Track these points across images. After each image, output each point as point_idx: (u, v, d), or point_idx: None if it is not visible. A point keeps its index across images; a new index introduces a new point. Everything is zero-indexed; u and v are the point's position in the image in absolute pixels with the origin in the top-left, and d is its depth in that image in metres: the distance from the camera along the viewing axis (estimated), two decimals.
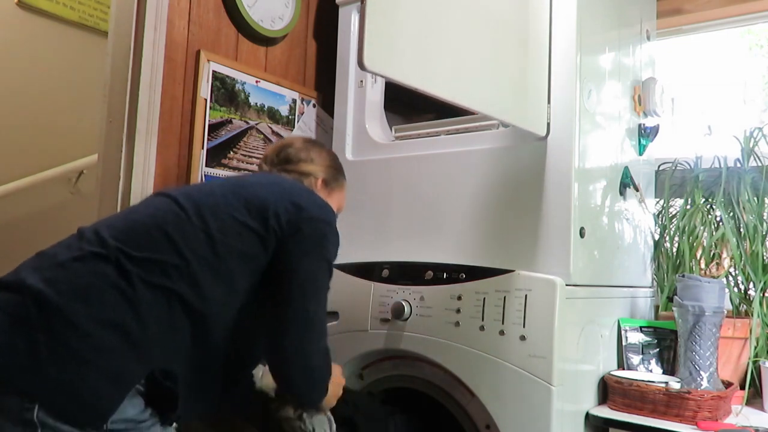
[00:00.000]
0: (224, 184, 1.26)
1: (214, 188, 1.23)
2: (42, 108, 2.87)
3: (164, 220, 1.13)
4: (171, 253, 1.09)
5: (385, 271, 1.66)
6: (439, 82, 1.18)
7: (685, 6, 2.02)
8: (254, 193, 1.21)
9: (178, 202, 1.16)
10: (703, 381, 1.47)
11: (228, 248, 1.13)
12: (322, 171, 1.42)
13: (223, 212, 1.16)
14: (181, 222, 1.13)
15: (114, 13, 1.76)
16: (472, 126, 1.68)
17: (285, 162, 1.40)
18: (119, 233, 1.11)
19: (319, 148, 1.46)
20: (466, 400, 1.49)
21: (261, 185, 1.25)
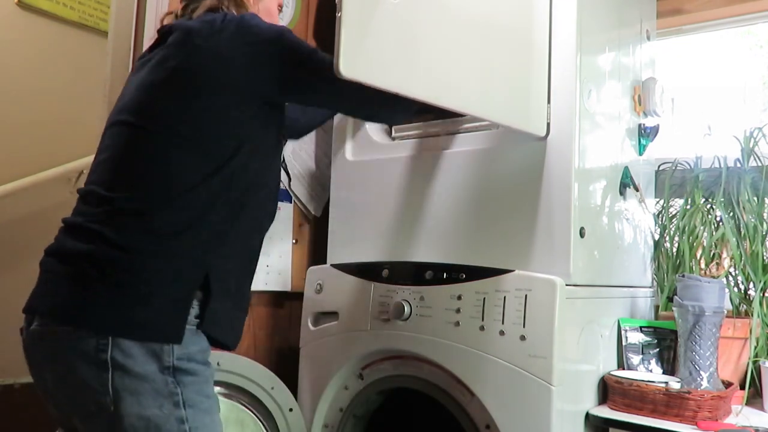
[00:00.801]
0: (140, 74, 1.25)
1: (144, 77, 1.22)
2: (42, 108, 2.87)
3: (130, 147, 1.18)
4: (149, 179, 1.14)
5: (385, 271, 1.66)
6: (424, 86, 1.18)
7: (685, 6, 2.02)
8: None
9: (128, 123, 1.19)
10: (703, 381, 1.47)
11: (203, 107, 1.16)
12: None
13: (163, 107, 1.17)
14: (139, 137, 1.17)
15: (114, 13, 1.76)
16: (472, 126, 1.68)
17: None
18: (106, 181, 1.16)
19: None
20: (466, 400, 1.49)
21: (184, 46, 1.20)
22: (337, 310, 1.72)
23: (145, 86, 1.19)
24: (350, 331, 1.68)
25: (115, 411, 1.03)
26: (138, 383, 1.03)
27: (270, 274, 1.97)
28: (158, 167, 1.13)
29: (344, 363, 1.69)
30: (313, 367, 1.76)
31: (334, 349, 1.71)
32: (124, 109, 1.21)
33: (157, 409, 1.03)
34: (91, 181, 1.20)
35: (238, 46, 1.17)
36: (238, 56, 1.16)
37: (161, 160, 1.13)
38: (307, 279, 1.83)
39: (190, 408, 1.06)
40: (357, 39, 1.04)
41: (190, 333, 1.10)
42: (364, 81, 1.05)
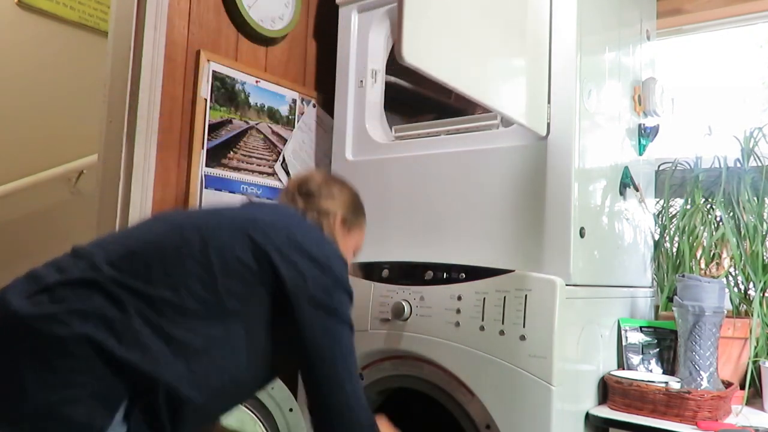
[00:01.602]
0: (235, 218, 1.18)
1: (223, 221, 1.15)
2: (42, 108, 2.87)
3: (165, 251, 1.08)
4: (166, 287, 1.04)
5: (385, 271, 1.66)
6: (464, 79, 1.19)
7: (685, 6, 2.02)
8: (264, 233, 1.13)
9: (183, 235, 1.10)
10: (703, 381, 1.47)
11: (227, 290, 1.07)
12: (342, 209, 1.36)
13: (228, 252, 1.09)
14: (183, 255, 1.07)
15: (114, 13, 1.76)
16: (472, 126, 1.68)
17: (306, 196, 1.35)
18: (117, 260, 1.05)
19: (341, 184, 1.41)
20: (466, 400, 1.49)
21: (274, 228, 1.16)
22: None
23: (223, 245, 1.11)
24: None
25: None
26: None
27: None
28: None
29: None
30: None
31: None
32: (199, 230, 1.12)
33: None
34: (96, 249, 1.10)
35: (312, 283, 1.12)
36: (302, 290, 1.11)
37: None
38: None
39: None
40: (416, 28, 1.06)
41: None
42: (422, 68, 1.07)
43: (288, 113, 2.05)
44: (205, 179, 1.80)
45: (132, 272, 1.03)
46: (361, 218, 1.42)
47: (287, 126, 2.05)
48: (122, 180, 1.65)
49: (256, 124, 1.95)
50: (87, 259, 1.06)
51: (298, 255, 1.12)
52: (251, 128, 1.94)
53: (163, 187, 1.73)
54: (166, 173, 1.73)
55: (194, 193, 1.77)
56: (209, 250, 1.08)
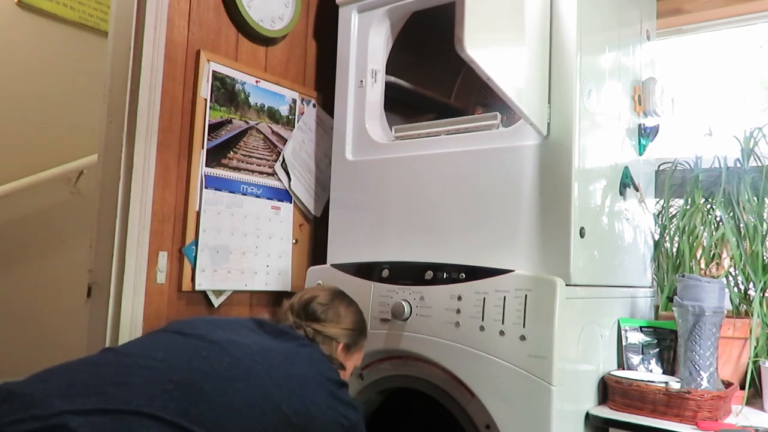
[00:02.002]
0: (289, 372, 1.16)
1: (279, 377, 1.14)
2: (42, 108, 2.87)
3: (228, 395, 1.05)
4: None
5: (385, 271, 1.66)
6: (504, 76, 1.25)
7: (685, 6, 2.02)
8: (312, 396, 1.15)
9: (249, 377, 1.10)
10: (703, 381, 1.47)
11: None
12: (345, 336, 1.42)
13: (282, 412, 1.09)
14: (245, 406, 1.06)
15: (114, 13, 1.76)
16: (472, 126, 1.68)
17: (311, 320, 1.40)
18: (176, 389, 1.02)
19: (345, 305, 1.47)
20: (466, 400, 1.49)
21: (319, 385, 1.18)
22: None
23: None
24: None
25: None
26: None
27: (270, 274, 1.97)
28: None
29: None
30: None
31: None
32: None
33: None
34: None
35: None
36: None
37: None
38: (307, 279, 1.83)
39: None
40: (478, 23, 1.13)
41: None
42: (478, 61, 1.13)
43: (288, 113, 2.05)
44: (205, 179, 1.80)
45: (197, 418, 1.00)
46: (362, 341, 1.50)
47: (287, 126, 2.05)
48: (122, 180, 1.65)
49: (256, 124, 1.95)
50: (144, 383, 1.02)
51: (336, 411, 1.17)
52: (251, 128, 1.94)
53: (163, 187, 1.73)
54: (166, 173, 1.73)
55: (194, 193, 1.77)
56: (267, 408, 1.08)
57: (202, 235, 1.78)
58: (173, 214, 1.75)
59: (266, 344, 1.22)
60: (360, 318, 1.50)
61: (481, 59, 1.14)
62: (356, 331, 1.47)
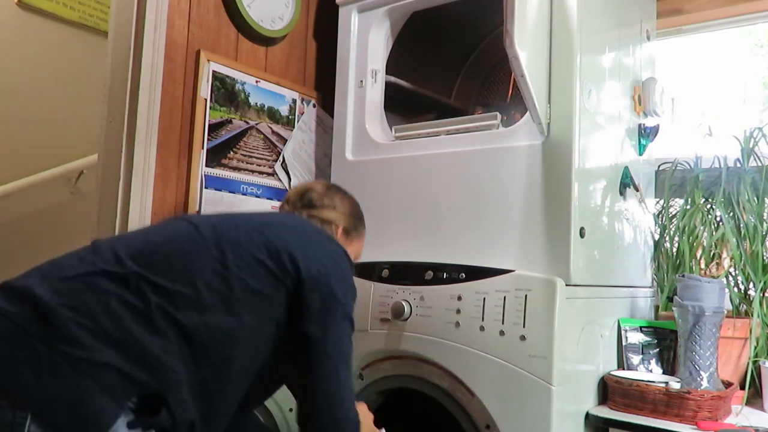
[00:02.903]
0: (250, 219, 1.23)
1: (239, 223, 1.19)
2: (42, 108, 2.87)
3: (183, 247, 1.11)
4: (185, 282, 1.06)
5: (385, 271, 1.66)
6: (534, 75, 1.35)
7: (685, 6, 2.02)
8: (278, 233, 1.18)
9: (199, 231, 1.14)
10: (703, 381, 1.47)
11: (242, 284, 1.10)
12: (344, 219, 1.41)
13: (243, 248, 1.13)
14: (200, 251, 1.11)
15: (114, 13, 1.76)
16: (472, 126, 1.68)
17: (308, 206, 1.39)
18: (138, 255, 1.08)
19: (342, 194, 1.46)
20: (466, 400, 1.49)
21: (286, 227, 1.22)
22: None
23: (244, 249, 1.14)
24: None
25: None
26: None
27: None
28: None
29: None
30: None
31: None
32: (214, 237, 1.14)
33: None
34: (127, 254, 1.10)
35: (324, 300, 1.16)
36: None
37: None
38: None
39: None
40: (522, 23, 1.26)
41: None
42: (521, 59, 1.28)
43: (288, 113, 2.05)
44: (205, 179, 1.80)
45: (153, 267, 1.06)
46: (361, 228, 1.47)
47: (287, 126, 2.05)
48: (122, 180, 1.65)
49: (256, 124, 1.95)
50: (110, 253, 1.08)
51: (310, 252, 1.17)
52: (251, 128, 1.94)
53: (163, 187, 1.73)
54: (166, 173, 1.73)
55: (194, 193, 1.77)
56: (224, 246, 1.11)
57: None
58: (173, 214, 1.75)
59: (246, 213, 1.26)
60: (358, 207, 1.47)
61: (522, 57, 1.25)
62: (355, 217, 1.44)
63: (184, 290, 1.06)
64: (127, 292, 1.02)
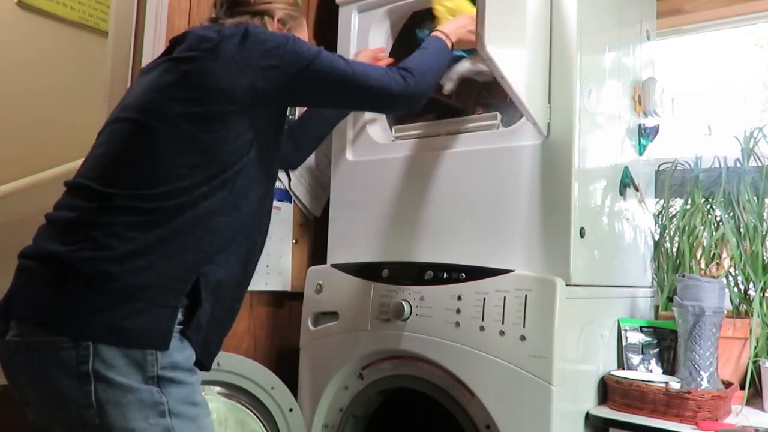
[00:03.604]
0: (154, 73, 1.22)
1: (145, 82, 1.22)
2: (42, 108, 2.88)
3: (129, 144, 1.15)
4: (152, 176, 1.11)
5: (385, 271, 1.66)
6: (516, 75, 1.28)
7: (685, 6, 2.02)
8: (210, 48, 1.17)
9: (132, 120, 1.16)
10: (703, 381, 1.47)
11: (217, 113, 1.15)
12: (280, 8, 1.34)
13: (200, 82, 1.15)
14: (140, 134, 1.14)
15: (114, 13, 1.76)
16: (472, 126, 1.68)
17: (235, 4, 1.34)
18: (101, 176, 1.13)
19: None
20: (466, 400, 1.49)
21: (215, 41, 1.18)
22: (337, 311, 1.72)
23: (153, 87, 1.17)
24: (350, 332, 1.68)
25: (100, 424, 1.00)
26: (122, 395, 1.00)
27: (270, 274, 1.97)
28: (159, 165, 1.10)
29: (344, 363, 1.69)
30: (313, 367, 1.76)
31: (334, 349, 1.71)
32: (128, 108, 1.19)
33: (143, 421, 1.01)
34: (81, 174, 1.17)
35: (245, 51, 1.16)
36: (245, 62, 1.16)
37: (163, 159, 1.11)
38: (307, 279, 1.83)
39: (176, 418, 1.03)
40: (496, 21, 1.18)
41: (175, 340, 1.07)
42: (495, 59, 1.19)
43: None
44: None
45: (125, 181, 1.12)
46: (300, 18, 1.42)
47: None
48: None
49: None
50: (84, 189, 1.14)
51: (246, 53, 1.17)
52: None
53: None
54: None
55: None
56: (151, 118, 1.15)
57: None
58: None
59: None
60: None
61: (498, 57, 1.17)
62: (292, 4, 1.39)
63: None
64: (113, 212, 1.08)
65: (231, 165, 1.15)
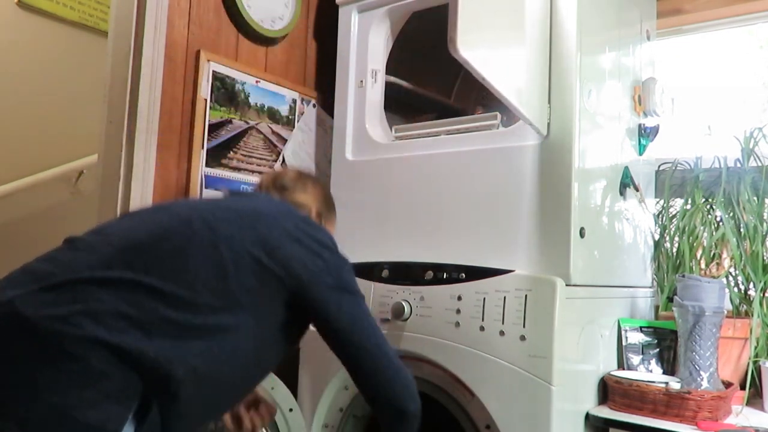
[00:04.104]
0: (240, 209, 1.18)
1: (230, 216, 1.15)
2: (42, 108, 2.87)
3: (175, 244, 1.07)
4: (180, 283, 1.03)
5: (385, 271, 1.66)
6: (501, 76, 1.24)
7: (685, 6, 2.02)
8: (270, 227, 1.15)
9: (192, 226, 1.10)
10: (703, 381, 1.47)
11: (239, 282, 1.08)
12: (316, 203, 1.42)
13: (238, 245, 1.10)
14: (194, 249, 1.07)
15: (114, 13, 1.76)
16: (472, 126, 1.68)
17: (281, 190, 1.39)
18: (126, 254, 1.04)
19: (313, 180, 1.47)
20: (466, 400, 1.49)
21: (277, 219, 1.18)
22: None
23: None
24: None
25: None
26: None
27: None
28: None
29: None
30: (313, 367, 1.76)
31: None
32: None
33: None
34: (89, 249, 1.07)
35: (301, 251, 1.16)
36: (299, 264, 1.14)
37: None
38: None
39: None
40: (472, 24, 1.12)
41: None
42: (472, 62, 1.12)
43: (288, 113, 2.05)
44: (205, 179, 1.80)
45: (144, 268, 1.02)
46: (332, 213, 1.47)
47: (287, 126, 2.05)
48: (122, 180, 1.65)
49: (256, 124, 1.95)
50: (93, 254, 1.04)
51: (305, 243, 1.16)
52: (251, 128, 1.94)
53: (163, 187, 1.73)
54: (166, 173, 1.73)
55: (194, 193, 1.77)
56: (220, 244, 1.08)
57: None
58: None
59: (232, 199, 1.24)
60: (329, 192, 1.48)
61: (475, 60, 1.13)
62: (326, 201, 1.45)
63: (179, 291, 1.03)
64: (119, 299, 0.98)
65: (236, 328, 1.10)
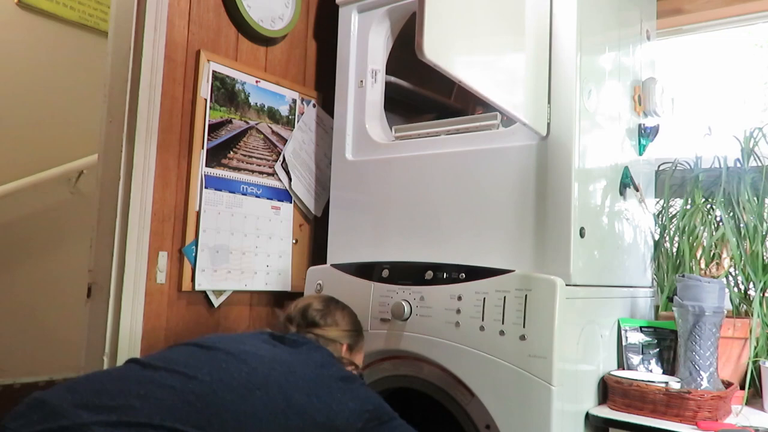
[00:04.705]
0: (304, 375, 1.20)
1: (298, 381, 1.17)
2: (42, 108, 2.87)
3: (252, 405, 1.09)
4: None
5: (385, 271, 1.66)
6: (478, 78, 1.21)
7: (685, 6, 2.02)
8: (331, 394, 1.20)
9: (268, 392, 1.11)
10: (703, 381, 1.47)
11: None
12: (347, 336, 1.46)
13: (307, 415, 1.13)
14: (268, 415, 1.09)
15: (114, 13, 1.76)
16: (472, 126, 1.68)
17: (312, 325, 1.43)
18: (175, 411, 1.03)
19: (341, 309, 1.50)
20: (466, 400, 1.49)
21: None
22: None
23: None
24: None
25: None
26: None
27: (270, 274, 1.97)
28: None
29: None
30: None
31: None
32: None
33: None
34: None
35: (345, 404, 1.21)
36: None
37: None
38: (307, 279, 1.83)
39: None
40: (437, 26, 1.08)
41: None
42: (441, 65, 1.09)
43: (288, 113, 2.05)
44: (205, 179, 1.80)
45: (198, 426, 1.03)
46: (361, 340, 1.53)
47: (287, 126, 2.05)
48: (122, 180, 1.65)
49: (256, 124, 1.95)
50: (170, 397, 1.05)
51: (351, 405, 1.21)
52: (251, 128, 1.94)
53: (163, 187, 1.73)
54: (166, 173, 1.73)
55: (194, 193, 1.77)
56: (290, 412, 1.12)
57: (202, 235, 1.78)
58: (173, 214, 1.75)
59: (280, 352, 1.26)
60: (356, 320, 1.52)
61: (446, 63, 1.10)
62: (355, 332, 1.49)
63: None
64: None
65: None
